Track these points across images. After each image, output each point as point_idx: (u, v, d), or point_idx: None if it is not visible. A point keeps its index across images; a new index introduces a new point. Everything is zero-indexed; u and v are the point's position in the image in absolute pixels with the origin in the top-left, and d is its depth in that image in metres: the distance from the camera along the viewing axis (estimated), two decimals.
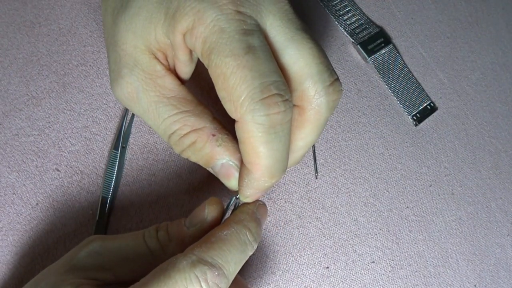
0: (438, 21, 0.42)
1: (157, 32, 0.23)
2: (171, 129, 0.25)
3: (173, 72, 0.26)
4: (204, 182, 0.33)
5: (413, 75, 0.40)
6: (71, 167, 0.31)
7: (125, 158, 0.32)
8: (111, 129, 0.32)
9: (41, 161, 0.31)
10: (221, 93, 0.22)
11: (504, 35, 0.43)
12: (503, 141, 0.40)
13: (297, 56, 0.23)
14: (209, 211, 0.26)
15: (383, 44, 0.39)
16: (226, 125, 0.26)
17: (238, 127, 0.23)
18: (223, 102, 0.23)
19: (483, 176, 0.39)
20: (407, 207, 0.36)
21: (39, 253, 0.29)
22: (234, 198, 0.26)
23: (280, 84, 0.22)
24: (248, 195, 0.25)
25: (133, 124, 0.32)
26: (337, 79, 0.24)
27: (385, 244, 0.35)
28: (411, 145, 0.38)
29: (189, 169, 0.33)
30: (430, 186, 0.37)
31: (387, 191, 0.36)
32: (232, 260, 0.23)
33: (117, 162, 0.31)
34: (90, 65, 0.33)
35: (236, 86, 0.21)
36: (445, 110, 0.39)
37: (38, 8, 0.33)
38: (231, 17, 0.22)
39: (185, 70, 0.26)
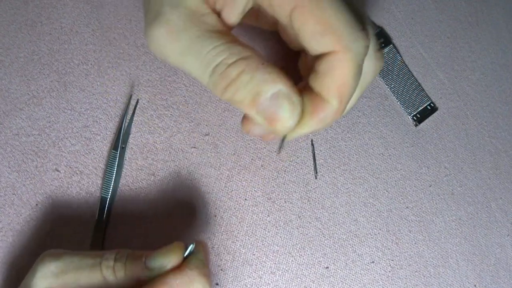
0: (438, 21, 0.42)
1: None
2: (216, 60, 0.23)
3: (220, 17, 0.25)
4: (204, 182, 0.33)
5: (413, 75, 0.40)
6: (70, 167, 0.31)
7: (124, 158, 0.32)
8: (111, 128, 0.32)
9: (41, 161, 0.31)
10: (315, 27, 0.22)
11: (504, 35, 0.43)
12: (503, 141, 0.40)
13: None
14: (170, 258, 0.25)
15: (383, 44, 0.39)
16: None
17: (330, 58, 0.23)
18: (314, 38, 0.22)
19: (483, 176, 0.39)
20: (407, 207, 0.36)
21: (39, 253, 0.29)
22: (191, 245, 0.26)
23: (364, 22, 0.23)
24: (303, 133, 0.25)
25: (133, 124, 0.32)
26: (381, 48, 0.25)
27: (385, 244, 0.35)
28: (411, 145, 0.38)
29: (188, 169, 0.33)
30: (430, 186, 0.37)
31: (387, 191, 0.36)
32: None
33: (116, 162, 0.31)
34: (91, 64, 0.33)
35: (337, 17, 0.22)
36: (445, 111, 0.39)
37: (40, 7, 0.33)
38: None
39: (231, 21, 0.25)
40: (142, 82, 0.33)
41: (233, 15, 0.24)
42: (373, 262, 0.34)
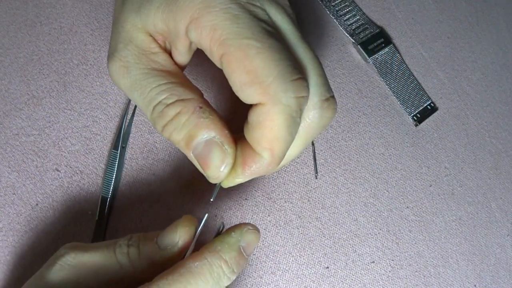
0: (438, 21, 0.42)
1: (155, 17, 0.23)
2: (157, 99, 0.23)
3: (169, 54, 0.25)
4: (204, 182, 0.33)
5: (413, 75, 0.40)
6: (71, 167, 0.31)
7: (125, 158, 0.32)
8: (111, 128, 0.32)
9: (41, 161, 0.31)
10: (242, 77, 0.21)
11: (505, 35, 0.43)
12: (503, 141, 0.40)
13: (300, 62, 0.23)
14: (180, 233, 0.25)
15: (383, 44, 0.39)
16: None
17: (259, 111, 0.22)
18: (241, 89, 0.22)
19: (483, 176, 0.39)
20: (407, 207, 0.36)
21: (39, 253, 0.29)
22: (206, 215, 0.25)
23: (301, 70, 0.22)
24: (238, 181, 0.24)
25: (133, 124, 0.32)
26: (333, 96, 0.24)
27: (385, 244, 0.35)
28: (411, 145, 0.38)
29: (188, 169, 0.33)
30: (430, 186, 0.37)
31: (387, 191, 0.36)
32: None
33: (117, 162, 0.31)
34: (91, 64, 0.33)
35: (264, 66, 0.21)
36: (445, 110, 0.39)
37: (39, 7, 0.33)
38: (244, 5, 0.21)
39: (181, 60, 0.25)
40: None
41: (180, 55, 0.25)
42: (373, 262, 0.34)
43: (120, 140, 0.31)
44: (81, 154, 0.31)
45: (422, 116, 0.39)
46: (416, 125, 0.38)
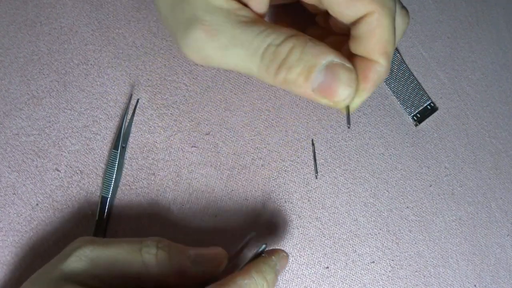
0: (438, 21, 0.42)
1: None
2: (266, 41, 0.23)
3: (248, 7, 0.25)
4: (204, 182, 0.33)
5: (413, 75, 0.40)
6: (71, 167, 0.31)
7: (125, 157, 0.32)
8: (111, 128, 0.32)
9: (41, 161, 0.31)
10: None
11: (505, 35, 0.43)
12: (503, 141, 0.40)
13: None
14: (221, 267, 0.27)
15: None
16: None
17: (368, 20, 0.23)
18: (348, 5, 0.23)
19: (483, 176, 0.39)
20: (407, 207, 0.36)
21: (39, 253, 0.29)
22: (259, 245, 0.27)
23: None
24: (363, 99, 0.26)
25: (133, 123, 0.32)
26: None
27: (385, 244, 0.35)
28: (411, 145, 0.38)
29: (189, 169, 0.33)
30: (430, 186, 0.37)
31: (387, 191, 0.36)
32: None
33: (117, 162, 0.31)
34: (91, 64, 0.33)
35: None
36: (445, 110, 0.39)
37: (39, 7, 0.33)
38: None
39: (260, 6, 0.25)
40: (142, 82, 0.33)
41: (260, 4, 0.25)
42: (373, 262, 0.34)
43: (120, 140, 0.31)
44: (81, 154, 0.31)
45: (422, 116, 0.39)
46: (416, 125, 0.38)
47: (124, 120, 0.32)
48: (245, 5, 0.25)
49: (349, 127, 0.29)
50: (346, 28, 0.27)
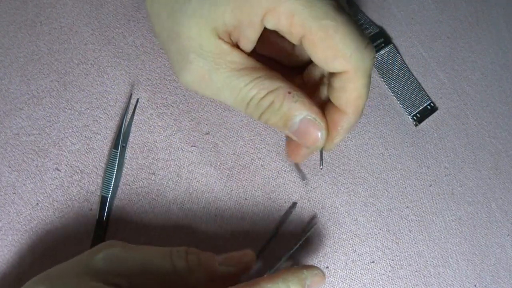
0: (438, 21, 0.42)
1: (225, 16, 0.25)
2: (249, 96, 0.27)
3: (237, 47, 0.27)
4: (204, 181, 0.33)
5: (413, 75, 0.40)
6: (71, 166, 0.31)
7: (125, 157, 0.32)
8: (111, 128, 0.32)
9: (41, 160, 0.31)
10: (326, 53, 0.25)
11: (505, 35, 0.43)
12: (503, 141, 0.40)
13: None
14: (251, 266, 0.28)
15: (383, 44, 0.39)
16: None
17: (343, 77, 0.26)
18: (326, 62, 0.25)
19: (483, 176, 0.39)
20: (407, 207, 0.36)
21: (39, 252, 0.29)
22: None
23: (365, 35, 0.26)
24: (338, 142, 0.29)
25: (133, 123, 0.32)
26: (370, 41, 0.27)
27: (385, 244, 0.35)
28: (411, 145, 0.38)
29: (188, 168, 0.33)
30: (430, 186, 0.37)
31: (386, 191, 0.36)
32: None
33: (117, 161, 0.31)
34: (91, 64, 0.33)
35: (343, 42, 0.24)
36: (445, 110, 0.39)
37: (39, 6, 0.33)
38: None
39: (249, 46, 0.27)
40: (141, 81, 0.33)
41: (249, 43, 0.27)
42: (373, 262, 0.34)
43: (120, 139, 0.31)
44: (81, 154, 0.31)
45: (422, 116, 0.39)
46: (416, 125, 0.38)
47: (124, 120, 0.32)
48: (235, 43, 0.27)
49: (321, 169, 0.33)
50: (318, 78, 0.31)
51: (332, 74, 0.27)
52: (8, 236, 0.29)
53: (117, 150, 0.31)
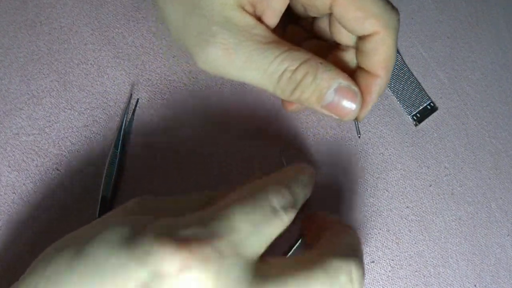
0: (438, 21, 0.42)
1: None
2: (281, 68, 0.26)
3: (261, 21, 0.27)
4: (204, 181, 0.33)
5: (413, 75, 0.40)
6: (71, 166, 0.31)
7: (125, 157, 0.32)
8: (112, 128, 0.32)
9: (41, 160, 0.31)
10: (356, 14, 0.25)
11: (505, 35, 0.43)
12: (503, 141, 0.40)
13: None
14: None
15: None
16: None
17: (374, 39, 0.26)
18: (356, 23, 0.26)
19: (483, 176, 0.39)
20: (407, 207, 0.36)
21: (38, 253, 0.29)
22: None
23: None
24: (369, 109, 0.29)
25: (133, 123, 0.32)
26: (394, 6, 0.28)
27: (385, 244, 0.35)
28: (411, 145, 0.38)
29: (189, 168, 0.33)
30: (430, 186, 0.37)
31: (386, 190, 0.36)
32: (299, 191, 0.23)
33: (117, 161, 0.31)
34: (91, 64, 0.33)
35: (373, 2, 0.25)
36: (445, 110, 0.39)
37: (39, 6, 0.33)
38: None
39: (273, 20, 0.27)
40: (142, 82, 0.33)
41: (273, 17, 0.27)
42: (373, 261, 0.34)
43: (120, 140, 0.31)
44: (81, 154, 0.31)
45: (422, 116, 0.39)
46: (415, 125, 0.38)
47: (125, 120, 0.32)
48: (259, 18, 0.26)
49: (359, 137, 0.33)
50: (346, 40, 0.30)
51: (361, 38, 0.27)
52: (7, 236, 0.29)
53: (117, 150, 0.31)
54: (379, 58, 0.27)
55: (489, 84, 0.41)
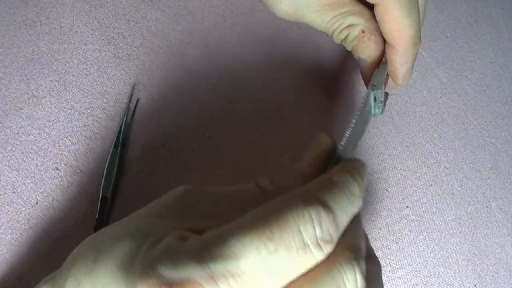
0: (437, 21, 0.42)
1: None
2: (332, 27, 0.31)
3: None
4: (205, 182, 0.33)
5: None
6: (71, 166, 0.31)
7: (125, 157, 0.32)
8: (112, 128, 0.32)
9: (41, 160, 0.31)
10: None
11: (504, 35, 0.43)
12: (503, 141, 0.40)
13: None
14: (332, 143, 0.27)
15: None
16: None
17: (377, 10, 0.28)
18: None
19: (483, 176, 0.39)
20: (406, 206, 0.36)
21: (38, 252, 0.29)
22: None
23: None
24: (404, 73, 0.31)
25: (133, 123, 0.32)
26: None
27: (385, 244, 0.35)
28: (411, 145, 0.38)
29: (189, 168, 0.33)
30: (430, 186, 0.37)
31: (386, 190, 0.36)
32: (342, 208, 0.19)
33: (117, 161, 0.31)
34: (91, 64, 0.33)
35: None
36: (445, 110, 0.40)
37: (39, 6, 0.33)
38: None
39: None
40: (142, 81, 0.33)
41: None
42: None
43: (120, 140, 0.31)
44: (81, 153, 0.31)
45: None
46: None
47: (124, 120, 0.32)
48: None
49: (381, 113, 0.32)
50: None
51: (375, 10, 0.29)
52: (7, 235, 0.29)
53: (117, 150, 0.31)
54: (388, 28, 0.28)
55: (489, 84, 0.41)
